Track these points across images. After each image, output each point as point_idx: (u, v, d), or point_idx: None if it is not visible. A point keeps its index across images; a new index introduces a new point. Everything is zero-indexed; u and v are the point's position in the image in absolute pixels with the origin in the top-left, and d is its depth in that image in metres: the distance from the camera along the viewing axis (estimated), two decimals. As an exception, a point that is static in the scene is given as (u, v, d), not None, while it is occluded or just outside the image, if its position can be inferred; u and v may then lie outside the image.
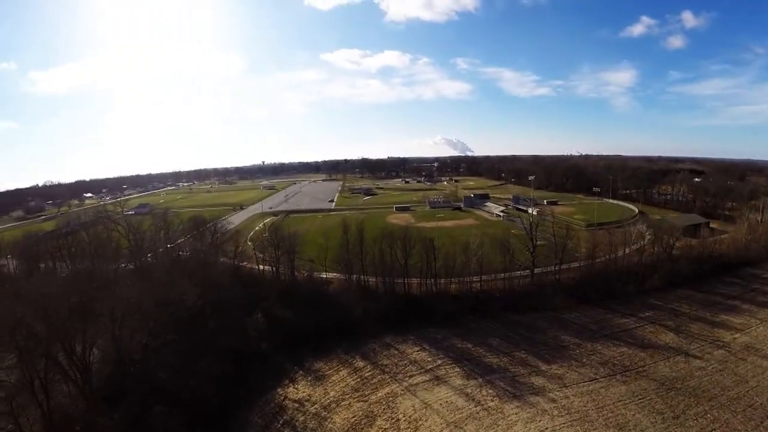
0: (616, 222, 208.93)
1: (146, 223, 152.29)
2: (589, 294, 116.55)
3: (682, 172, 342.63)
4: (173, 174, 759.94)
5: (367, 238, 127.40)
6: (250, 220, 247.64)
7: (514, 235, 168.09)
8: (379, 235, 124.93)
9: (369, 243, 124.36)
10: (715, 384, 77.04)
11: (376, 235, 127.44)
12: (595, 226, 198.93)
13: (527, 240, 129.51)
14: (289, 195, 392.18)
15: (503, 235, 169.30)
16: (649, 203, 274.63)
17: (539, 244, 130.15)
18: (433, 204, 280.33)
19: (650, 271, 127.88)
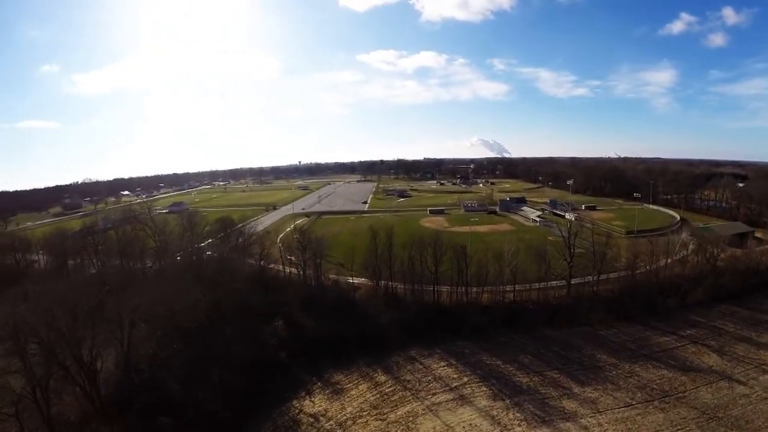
0: (658, 229, 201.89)
1: (173, 224, 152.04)
2: (628, 308, 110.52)
3: (725, 177, 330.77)
4: (209, 173, 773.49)
5: (396, 244, 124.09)
6: (282, 221, 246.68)
7: (551, 242, 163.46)
8: (409, 240, 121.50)
9: (398, 249, 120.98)
10: (759, 414, 71.36)
11: (407, 240, 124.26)
12: (635, 233, 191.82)
13: (564, 249, 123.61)
14: (322, 196, 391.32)
15: (539, 242, 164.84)
16: (690, 209, 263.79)
17: (577, 252, 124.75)
18: (468, 208, 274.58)
19: (693, 284, 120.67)
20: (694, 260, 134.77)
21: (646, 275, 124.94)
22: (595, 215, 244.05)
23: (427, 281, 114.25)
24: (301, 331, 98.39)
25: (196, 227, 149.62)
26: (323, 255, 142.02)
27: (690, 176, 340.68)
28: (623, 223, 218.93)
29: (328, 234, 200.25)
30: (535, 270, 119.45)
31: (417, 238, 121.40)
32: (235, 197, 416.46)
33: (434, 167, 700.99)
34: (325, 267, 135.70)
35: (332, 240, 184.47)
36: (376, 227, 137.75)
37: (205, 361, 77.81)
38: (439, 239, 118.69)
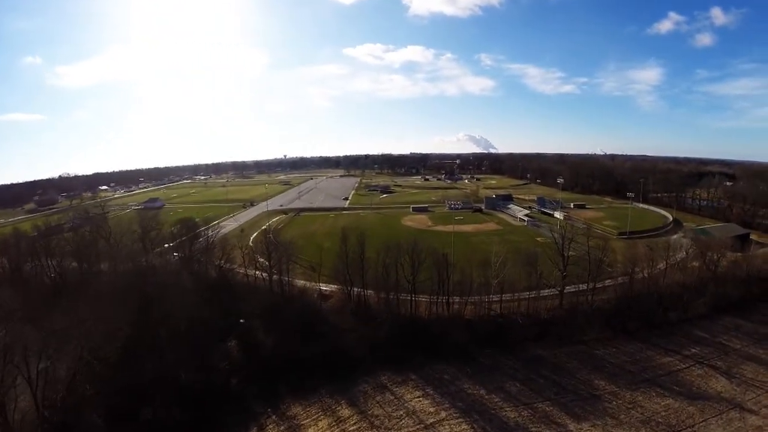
0: (651, 231, 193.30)
1: (135, 224, 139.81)
2: (625, 322, 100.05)
3: (716, 177, 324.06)
4: (191, 167, 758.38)
5: (373, 245, 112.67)
6: (258, 219, 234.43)
7: (540, 244, 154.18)
8: (388, 241, 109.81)
9: (373, 254, 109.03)
10: (775, 451, 60.90)
11: (386, 240, 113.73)
12: (628, 235, 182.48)
13: (557, 256, 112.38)
14: (302, 191, 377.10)
15: (528, 245, 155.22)
16: (681, 209, 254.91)
17: (569, 255, 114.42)
18: (453, 205, 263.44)
19: (694, 294, 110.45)
20: (693, 266, 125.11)
21: (644, 283, 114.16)
22: (584, 214, 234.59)
23: (404, 290, 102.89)
24: (259, 350, 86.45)
25: (155, 230, 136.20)
26: (294, 258, 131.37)
27: (681, 175, 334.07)
28: (614, 223, 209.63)
29: (303, 233, 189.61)
30: (525, 278, 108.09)
31: (393, 244, 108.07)
32: (214, 192, 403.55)
33: (419, 162, 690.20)
34: (296, 271, 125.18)
35: (306, 240, 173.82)
36: (348, 230, 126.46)
37: (137, 393, 65.90)
38: (417, 245, 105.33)
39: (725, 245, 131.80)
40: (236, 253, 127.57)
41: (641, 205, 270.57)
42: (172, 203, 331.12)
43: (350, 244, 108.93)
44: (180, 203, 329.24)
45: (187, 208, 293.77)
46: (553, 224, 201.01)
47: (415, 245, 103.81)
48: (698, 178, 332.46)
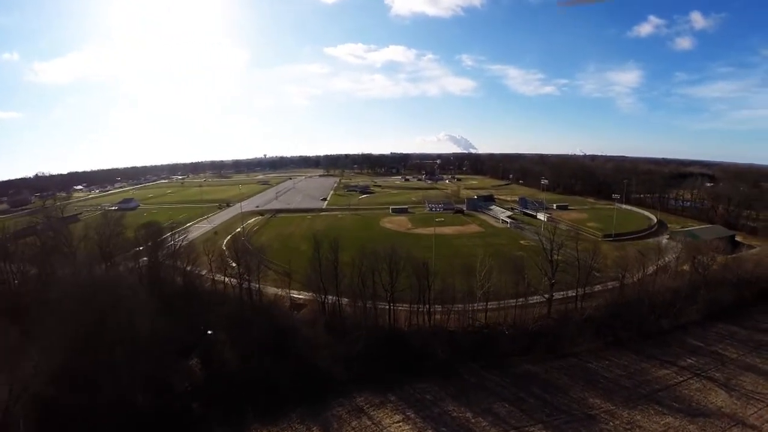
0: (636, 233, 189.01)
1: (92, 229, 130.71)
2: (617, 331, 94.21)
3: (698, 178, 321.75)
4: (169, 166, 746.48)
5: (350, 247, 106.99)
6: (233, 221, 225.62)
7: (524, 247, 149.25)
8: (359, 252, 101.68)
9: (348, 261, 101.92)
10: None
11: (359, 248, 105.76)
12: (613, 237, 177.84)
13: (544, 261, 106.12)
14: (280, 192, 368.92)
15: (511, 248, 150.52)
16: (664, 210, 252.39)
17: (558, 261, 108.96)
18: (433, 207, 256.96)
19: (686, 301, 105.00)
20: (683, 270, 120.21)
21: (634, 288, 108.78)
22: (568, 216, 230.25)
23: (382, 298, 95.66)
24: (224, 369, 78.35)
25: (119, 234, 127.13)
26: (267, 264, 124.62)
27: (663, 176, 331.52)
28: (598, 224, 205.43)
29: (278, 236, 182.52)
30: (511, 285, 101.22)
31: (369, 251, 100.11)
32: (191, 192, 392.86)
33: (400, 162, 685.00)
34: (269, 277, 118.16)
35: (281, 244, 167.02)
36: (323, 234, 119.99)
37: (88, 421, 58.36)
38: (395, 252, 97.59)
39: (717, 249, 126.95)
40: (204, 259, 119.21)
41: (624, 206, 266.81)
42: (147, 204, 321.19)
43: (323, 251, 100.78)
44: (155, 204, 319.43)
45: (161, 209, 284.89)
46: (537, 226, 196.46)
47: (393, 253, 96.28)
48: (679, 179, 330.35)
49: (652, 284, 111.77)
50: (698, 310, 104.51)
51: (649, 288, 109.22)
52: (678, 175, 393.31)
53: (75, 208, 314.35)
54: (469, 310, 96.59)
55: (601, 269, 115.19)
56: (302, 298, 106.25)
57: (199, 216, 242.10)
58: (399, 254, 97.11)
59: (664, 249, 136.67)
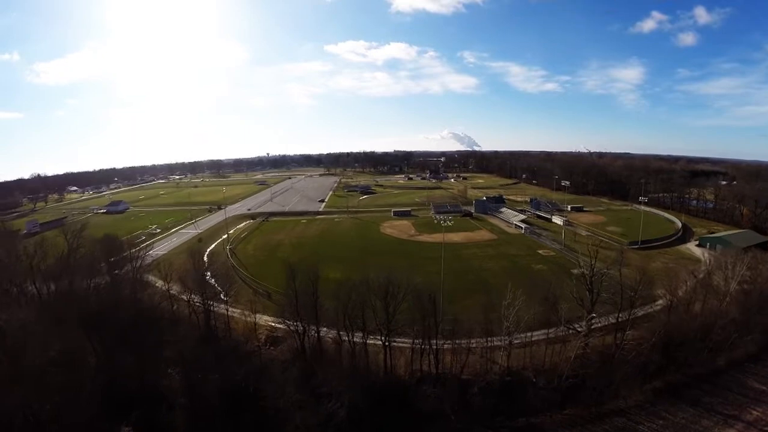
0: (662, 239, 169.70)
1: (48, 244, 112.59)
2: (669, 374, 75.44)
3: (718, 176, 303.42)
4: (168, 166, 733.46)
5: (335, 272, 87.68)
6: (221, 225, 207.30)
7: (543, 258, 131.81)
8: (344, 283, 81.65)
9: (337, 278, 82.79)
10: None
11: (359, 252, 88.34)
12: (639, 244, 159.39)
13: (580, 287, 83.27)
14: (276, 192, 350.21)
15: (529, 259, 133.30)
16: (683, 211, 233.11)
17: (579, 273, 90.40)
18: (439, 209, 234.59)
19: (739, 328, 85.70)
20: (727, 287, 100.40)
21: (677, 313, 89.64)
22: (583, 218, 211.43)
23: (376, 331, 76.08)
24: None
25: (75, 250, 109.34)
26: (247, 280, 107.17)
27: (682, 174, 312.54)
28: (619, 228, 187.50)
29: (266, 245, 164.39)
30: (535, 308, 79.33)
31: (357, 285, 77.35)
32: (184, 194, 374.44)
33: (403, 160, 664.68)
34: (247, 298, 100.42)
35: (268, 254, 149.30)
36: (297, 259, 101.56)
37: None
38: (392, 284, 74.70)
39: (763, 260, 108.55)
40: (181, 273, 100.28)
41: (642, 208, 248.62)
42: (137, 206, 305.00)
43: (299, 282, 79.72)
44: (145, 206, 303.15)
45: (150, 212, 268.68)
46: (554, 231, 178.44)
47: (389, 284, 74.60)
48: (691, 177, 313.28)
49: (697, 307, 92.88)
50: (755, 340, 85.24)
51: (696, 312, 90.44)
52: (690, 173, 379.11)
53: (63, 211, 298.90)
54: (487, 347, 77.44)
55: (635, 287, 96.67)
56: (282, 328, 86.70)
57: (186, 220, 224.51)
58: (397, 283, 75.20)
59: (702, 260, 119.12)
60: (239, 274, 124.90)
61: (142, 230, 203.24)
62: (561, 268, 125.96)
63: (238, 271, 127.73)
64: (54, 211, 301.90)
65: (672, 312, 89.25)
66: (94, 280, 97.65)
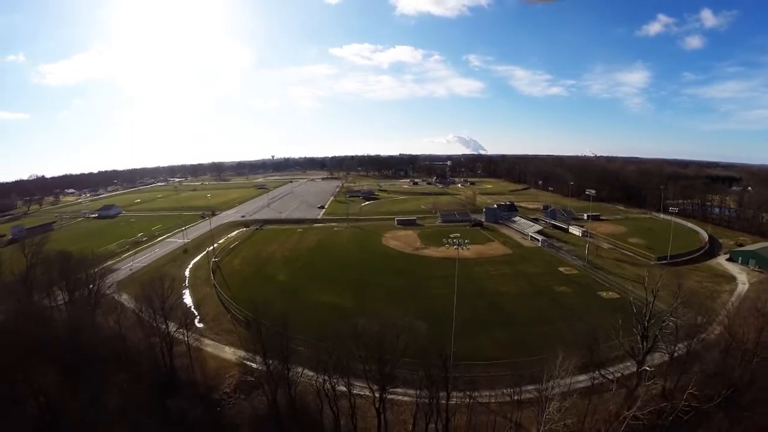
0: (691, 253, 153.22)
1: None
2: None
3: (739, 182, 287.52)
4: (168, 169, 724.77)
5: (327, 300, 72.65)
6: (211, 234, 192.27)
7: (567, 278, 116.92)
8: (338, 302, 67.07)
9: (327, 308, 67.71)
10: None
11: (352, 277, 72.58)
12: (668, 259, 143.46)
13: (634, 322, 66.28)
14: (275, 198, 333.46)
15: (549, 279, 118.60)
16: (705, 220, 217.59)
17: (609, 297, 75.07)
18: (446, 217, 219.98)
19: None
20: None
21: (726, 344, 73.14)
22: (601, 228, 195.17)
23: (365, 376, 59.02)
24: None
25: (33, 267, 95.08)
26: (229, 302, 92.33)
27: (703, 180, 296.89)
28: (641, 240, 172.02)
29: (256, 258, 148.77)
30: (566, 345, 61.58)
31: (346, 336, 59.36)
32: (181, 198, 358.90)
33: (408, 164, 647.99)
34: (223, 327, 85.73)
35: (256, 269, 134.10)
36: (285, 276, 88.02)
37: None
38: (385, 339, 56.40)
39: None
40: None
41: (662, 216, 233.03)
42: (130, 211, 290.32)
43: (271, 316, 66.10)
44: (138, 211, 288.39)
45: (141, 218, 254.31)
46: (573, 244, 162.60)
47: (382, 337, 56.90)
48: (730, 184, 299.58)
49: (742, 331, 75.77)
50: None
51: (746, 340, 73.74)
52: (705, 178, 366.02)
53: (55, 215, 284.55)
54: (511, 401, 60.38)
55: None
56: (259, 369, 70.68)
57: (176, 227, 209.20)
58: (396, 332, 57.56)
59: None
60: (219, 295, 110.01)
61: (126, 239, 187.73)
62: (587, 291, 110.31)
63: (218, 291, 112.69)
64: (47, 215, 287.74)
65: (730, 353, 72.98)
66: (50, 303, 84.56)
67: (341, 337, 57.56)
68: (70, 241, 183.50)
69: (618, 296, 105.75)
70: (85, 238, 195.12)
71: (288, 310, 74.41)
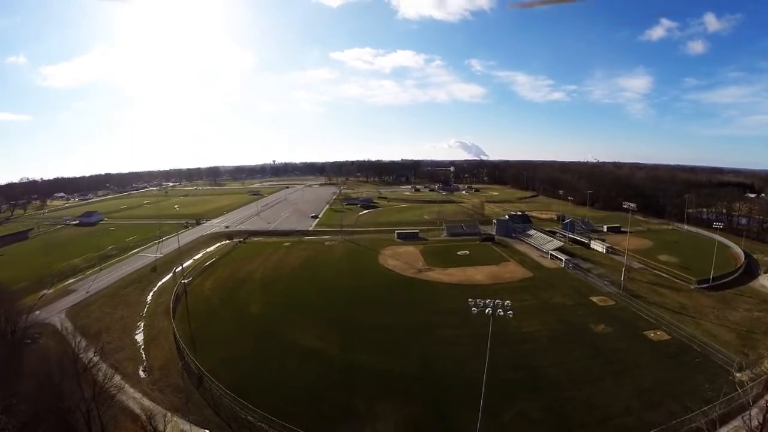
0: (731, 274, 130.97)
1: None
2: None
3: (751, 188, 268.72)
4: (164, 173, 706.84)
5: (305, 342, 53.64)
6: (190, 247, 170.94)
7: (602, 311, 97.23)
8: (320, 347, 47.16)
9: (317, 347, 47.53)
10: None
11: (340, 310, 55.01)
12: (711, 282, 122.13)
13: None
14: (266, 206, 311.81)
15: (582, 313, 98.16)
16: (730, 231, 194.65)
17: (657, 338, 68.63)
18: (453, 229, 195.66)
19: None
20: None
21: None
22: (625, 243, 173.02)
23: None
24: None
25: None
26: (184, 345, 71.96)
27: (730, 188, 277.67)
28: (673, 258, 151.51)
29: (231, 279, 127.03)
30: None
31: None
32: (169, 204, 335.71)
33: (410, 169, 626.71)
34: (170, 381, 65.83)
35: (227, 297, 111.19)
36: (259, 307, 69.89)
37: None
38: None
39: None
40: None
41: (686, 227, 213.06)
42: (113, 218, 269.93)
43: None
44: (121, 218, 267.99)
45: (121, 226, 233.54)
46: (600, 263, 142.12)
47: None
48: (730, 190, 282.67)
49: None
50: None
51: None
52: (717, 184, 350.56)
53: (36, 221, 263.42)
54: None
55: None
56: None
57: (153, 238, 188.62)
58: None
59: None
60: (176, 333, 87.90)
61: (96, 251, 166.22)
62: (630, 330, 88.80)
63: (174, 327, 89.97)
64: (29, 221, 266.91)
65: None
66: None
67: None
68: (36, 252, 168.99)
69: (669, 337, 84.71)
70: (55, 249, 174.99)
71: (253, 362, 61.82)
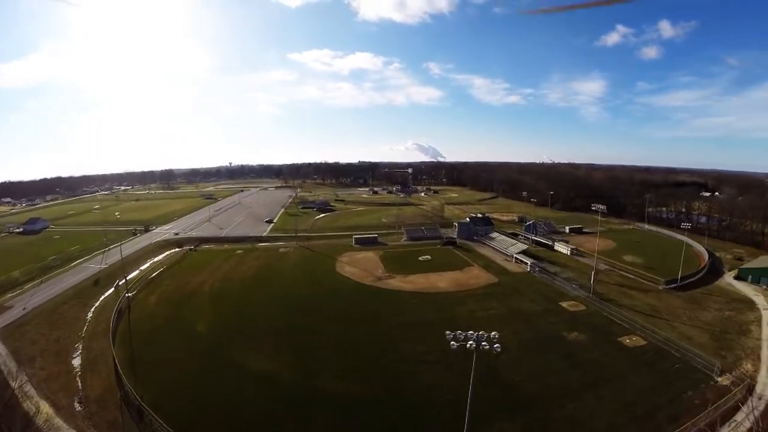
0: (695, 274, 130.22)
1: None
2: None
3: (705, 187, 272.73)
4: (117, 176, 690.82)
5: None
6: (137, 256, 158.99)
7: (574, 317, 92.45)
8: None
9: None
10: None
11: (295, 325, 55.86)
12: (679, 282, 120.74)
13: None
14: (220, 210, 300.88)
15: (553, 320, 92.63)
16: (693, 230, 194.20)
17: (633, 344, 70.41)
18: (413, 233, 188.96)
19: None
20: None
21: None
22: (588, 244, 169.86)
23: None
24: None
25: None
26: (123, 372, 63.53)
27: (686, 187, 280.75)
28: (638, 258, 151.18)
29: (178, 291, 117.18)
30: None
31: None
32: (118, 209, 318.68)
33: (368, 171, 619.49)
34: (108, 417, 58.68)
35: (173, 314, 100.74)
36: (206, 324, 66.73)
37: None
38: None
39: None
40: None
41: (647, 227, 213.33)
42: (58, 225, 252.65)
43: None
44: (67, 225, 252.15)
45: (66, 233, 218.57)
46: (565, 266, 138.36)
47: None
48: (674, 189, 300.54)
49: None
50: None
51: None
52: (673, 184, 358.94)
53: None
54: None
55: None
56: None
57: (100, 246, 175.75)
58: None
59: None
60: (116, 357, 77.98)
61: (36, 263, 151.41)
62: (605, 337, 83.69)
63: (114, 350, 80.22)
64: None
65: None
66: None
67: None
68: None
69: (645, 342, 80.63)
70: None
71: (199, 391, 57.80)
